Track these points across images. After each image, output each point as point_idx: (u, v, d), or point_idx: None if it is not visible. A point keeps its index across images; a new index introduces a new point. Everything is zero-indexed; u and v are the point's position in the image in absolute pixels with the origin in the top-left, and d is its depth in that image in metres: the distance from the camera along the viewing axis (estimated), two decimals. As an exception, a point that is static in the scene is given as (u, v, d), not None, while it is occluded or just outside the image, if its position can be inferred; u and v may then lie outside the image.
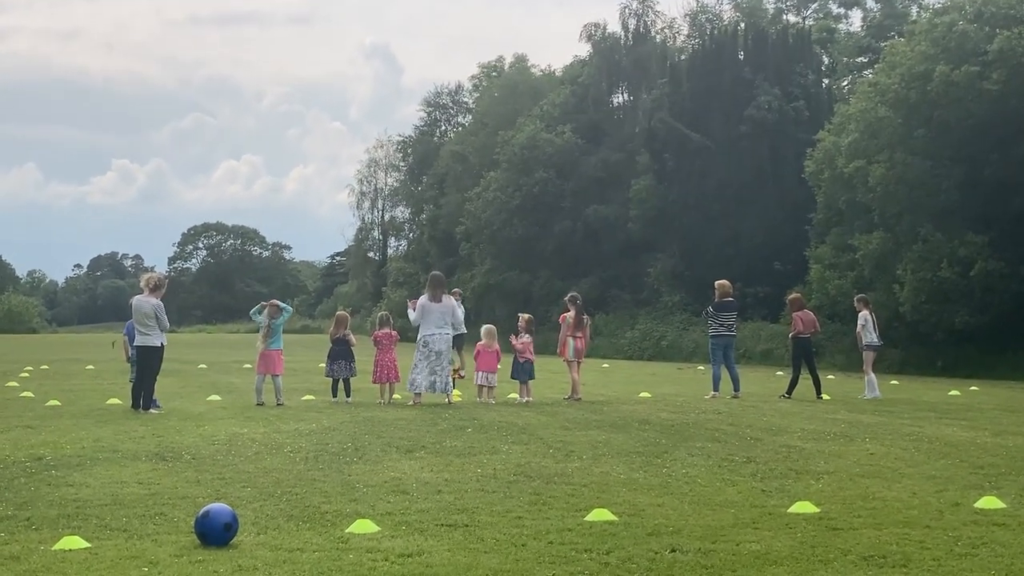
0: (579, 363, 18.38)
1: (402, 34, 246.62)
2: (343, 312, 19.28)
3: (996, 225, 30.02)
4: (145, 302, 15.80)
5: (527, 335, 18.06)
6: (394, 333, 17.93)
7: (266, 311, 17.30)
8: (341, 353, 17.73)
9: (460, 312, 17.54)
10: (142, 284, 16.22)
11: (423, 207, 73.50)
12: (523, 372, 17.78)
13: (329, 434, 12.93)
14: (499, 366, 17.80)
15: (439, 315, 16.81)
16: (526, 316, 18.65)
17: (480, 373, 17.68)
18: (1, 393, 19.54)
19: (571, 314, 18.17)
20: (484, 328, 18.22)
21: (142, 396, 15.85)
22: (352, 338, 17.98)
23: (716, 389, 18.79)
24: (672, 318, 43.52)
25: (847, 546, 7.08)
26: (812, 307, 33.40)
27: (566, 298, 18.74)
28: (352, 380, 17.87)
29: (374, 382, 17.81)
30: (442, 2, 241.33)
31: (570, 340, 18.18)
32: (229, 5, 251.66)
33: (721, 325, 19.01)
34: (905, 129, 30.96)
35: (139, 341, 15.88)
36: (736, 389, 18.73)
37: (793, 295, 20.96)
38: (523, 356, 17.84)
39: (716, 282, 19.60)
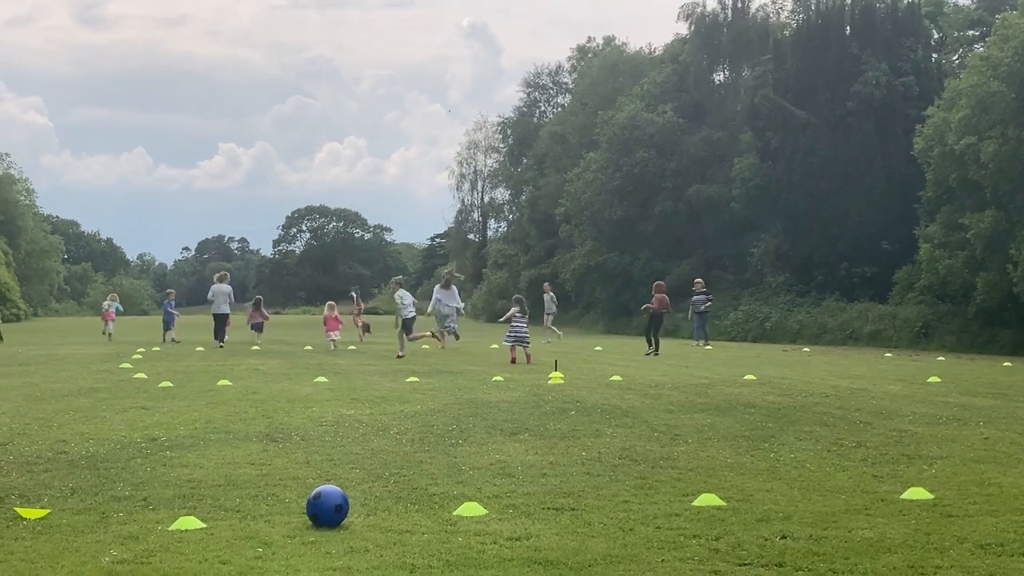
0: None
1: (500, 14, 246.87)
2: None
3: (1115, 202, 29.01)
4: (226, 287, 31.00)
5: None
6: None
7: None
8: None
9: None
10: (216, 277, 31.71)
11: (523, 188, 73.52)
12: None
13: (434, 416, 13.04)
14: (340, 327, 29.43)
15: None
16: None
17: (331, 333, 28.82)
18: (115, 374, 20.07)
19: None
20: (328, 304, 30.17)
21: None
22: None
23: None
24: (776, 299, 42.92)
25: (963, 533, 6.92)
26: (921, 286, 33.84)
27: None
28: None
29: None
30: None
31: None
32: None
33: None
34: (1018, 104, 30.02)
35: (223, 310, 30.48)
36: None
37: (658, 282, 28.40)
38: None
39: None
